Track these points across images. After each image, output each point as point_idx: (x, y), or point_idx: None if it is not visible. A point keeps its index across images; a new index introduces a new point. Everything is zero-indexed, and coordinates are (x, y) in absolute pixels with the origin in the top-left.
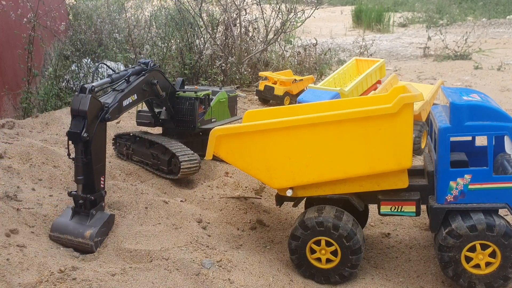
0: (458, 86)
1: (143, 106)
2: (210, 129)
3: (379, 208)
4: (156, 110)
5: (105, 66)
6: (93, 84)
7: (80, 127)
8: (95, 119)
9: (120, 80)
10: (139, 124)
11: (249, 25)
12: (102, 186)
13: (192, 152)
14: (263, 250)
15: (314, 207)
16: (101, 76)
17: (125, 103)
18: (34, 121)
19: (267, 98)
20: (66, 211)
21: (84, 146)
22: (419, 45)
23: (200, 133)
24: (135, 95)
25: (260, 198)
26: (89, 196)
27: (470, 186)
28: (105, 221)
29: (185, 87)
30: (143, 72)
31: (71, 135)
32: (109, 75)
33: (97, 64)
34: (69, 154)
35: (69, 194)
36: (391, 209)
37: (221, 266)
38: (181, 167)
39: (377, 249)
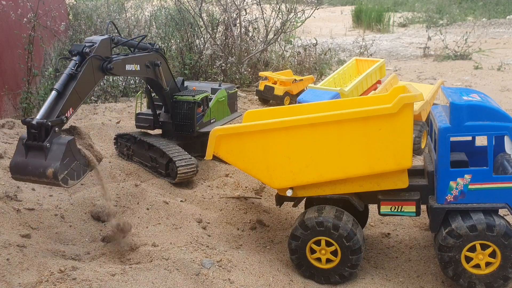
0: (458, 86)
1: (142, 109)
2: (209, 132)
3: (379, 208)
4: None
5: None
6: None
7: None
8: (101, 55)
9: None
10: (138, 127)
11: (249, 25)
12: (66, 115)
13: (189, 156)
14: (263, 250)
15: (314, 207)
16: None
17: (128, 67)
18: None
19: (267, 98)
20: (19, 148)
21: (80, 60)
22: (419, 45)
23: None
24: (138, 66)
25: (260, 198)
26: (45, 122)
27: (470, 186)
28: (65, 152)
29: (187, 83)
30: (148, 50)
31: (75, 47)
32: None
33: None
34: (57, 69)
35: (24, 121)
36: (391, 209)
37: (221, 266)
38: (178, 172)
39: (377, 249)
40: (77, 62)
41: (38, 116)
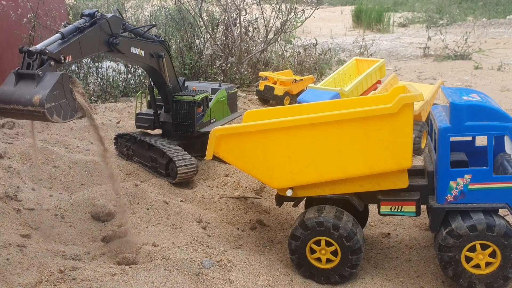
0: (458, 86)
1: (142, 109)
2: (209, 132)
3: (379, 208)
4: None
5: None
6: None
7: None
8: (110, 25)
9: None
10: (138, 127)
11: (249, 25)
12: (65, 57)
13: (189, 156)
14: (263, 250)
15: (314, 207)
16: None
17: (133, 50)
18: (34, 121)
19: (267, 98)
20: (10, 78)
21: (89, 20)
22: (419, 45)
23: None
24: (143, 52)
25: (260, 198)
26: (44, 49)
27: (470, 186)
28: (56, 83)
29: (187, 83)
30: (153, 41)
31: (87, 11)
32: (123, 21)
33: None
34: (67, 24)
35: (21, 49)
36: (391, 209)
37: (221, 266)
38: (178, 172)
39: (377, 249)
40: (87, 21)
41: (37, 46)
